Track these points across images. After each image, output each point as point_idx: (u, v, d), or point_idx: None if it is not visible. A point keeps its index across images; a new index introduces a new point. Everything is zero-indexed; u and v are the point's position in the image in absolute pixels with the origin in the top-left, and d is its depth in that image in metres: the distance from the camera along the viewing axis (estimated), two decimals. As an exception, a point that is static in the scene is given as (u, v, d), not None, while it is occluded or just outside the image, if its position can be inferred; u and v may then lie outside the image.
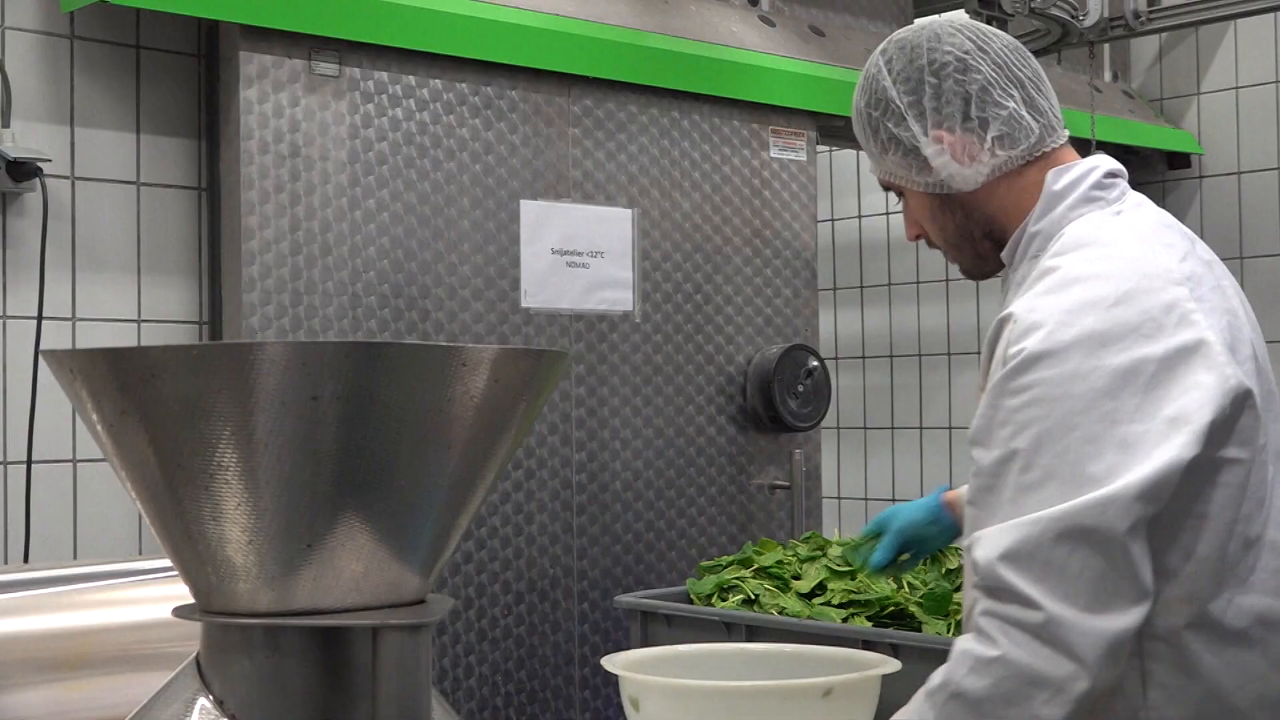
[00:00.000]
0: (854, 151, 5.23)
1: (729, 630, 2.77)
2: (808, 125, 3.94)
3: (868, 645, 2.56)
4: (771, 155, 3.87)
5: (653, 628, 2.92)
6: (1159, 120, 5.13)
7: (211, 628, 1.67)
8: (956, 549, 2.94)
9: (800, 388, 3.75)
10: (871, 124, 2.03)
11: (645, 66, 3.56)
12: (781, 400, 3.70)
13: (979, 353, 5.72)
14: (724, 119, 3.78)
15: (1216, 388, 1.75)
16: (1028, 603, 1.71)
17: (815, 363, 3.80)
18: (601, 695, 3.39)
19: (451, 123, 3.30)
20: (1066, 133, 2.03)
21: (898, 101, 1.99)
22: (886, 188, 2.10)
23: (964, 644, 1.78)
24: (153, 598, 2.18)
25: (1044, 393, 1.75)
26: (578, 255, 3.46)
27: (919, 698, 1.84)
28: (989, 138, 1.96)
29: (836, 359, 5.44)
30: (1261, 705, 1.81)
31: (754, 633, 2.73)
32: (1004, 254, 2.01)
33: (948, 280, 5.28)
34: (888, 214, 5.46)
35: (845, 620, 2.72)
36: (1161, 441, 1.72)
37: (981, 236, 2.02)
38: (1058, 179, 1.95)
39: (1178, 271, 1.83)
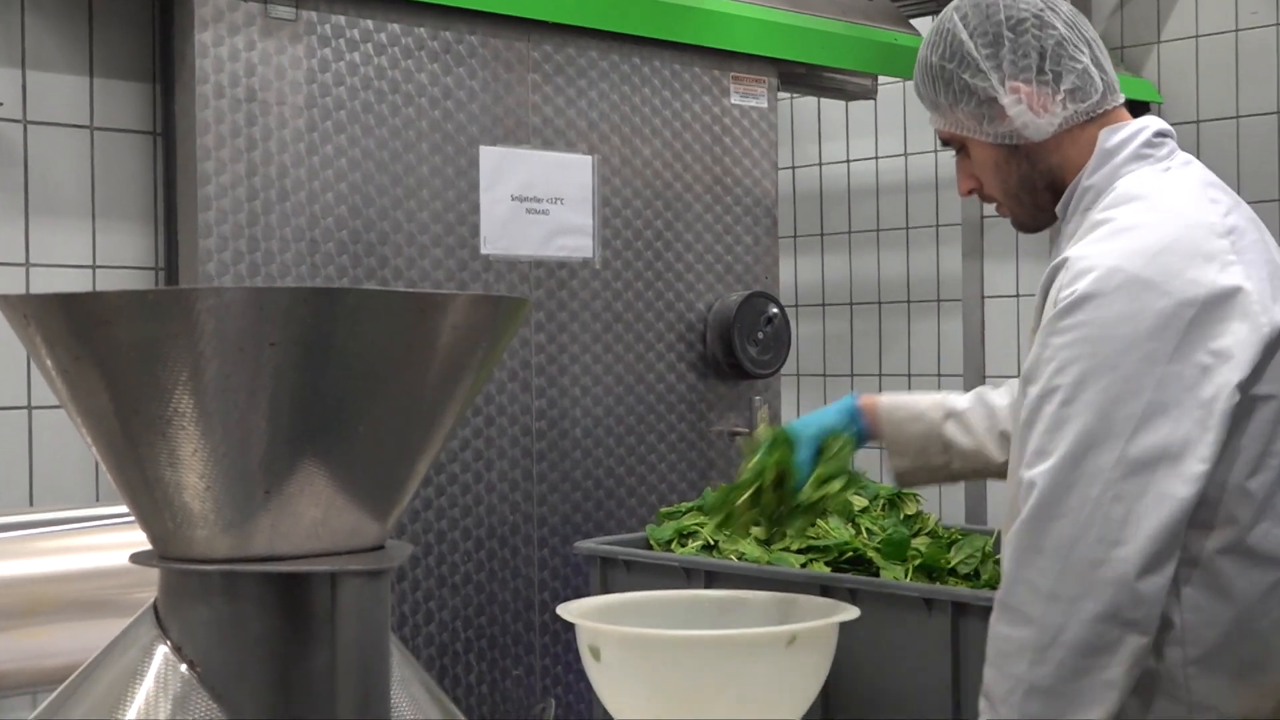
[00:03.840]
0: (815, 99, 5.22)
1: (688, 576, 2.78)
2: (769, 72, 3.93)
3: (826, 590, 2.57)
4: (732, 102, 3.86)
5: (612, 574, 2.93)
6: (1119, 69, 5.13)
7: (169, 574, 1.66)
8: (913, 494, 2.95)
9: (760, 335, 3.76)
10: (945, 76, 2.11)
11: (606, 12, 3.54)
12: (741, 347, 3.71)
13: (938, 300, 5.77)
14: (684, 65, 3.76)
15: (1251, 335, 1.87)
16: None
17: (775, 310, 3.80)
18: (561, 641, 3.40)
19: (410, 68, 3.27)
20: (1122, 95, 2.15)
21: (975, 54, 2.08)
22: (947, 141, 2.19)
23: (1013, 634, 1.87)
24: (110, 544, 2.17)
25: (1089, 333, 1.87)
26: (537, 202, 3.45)
27: (985, 710, 1.91)
28: (1062, 90, 2.07)
29: (796, 306, 5.45)
30: (1278, 630, 1.91)
31: (713, 578, 2.74)
32: (1058, 207, 2.10)
33: (908, 228, 5.29)
34: (848, 161, 5.45)
35: (803, 566, 2.73)
36: (1198, 382, 1.84)
37: (1043, 187, 2.11)
38: (1111, 136, 2.08)
39: (1220, 225, 1.95)
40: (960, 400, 2.44)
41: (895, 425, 2.44)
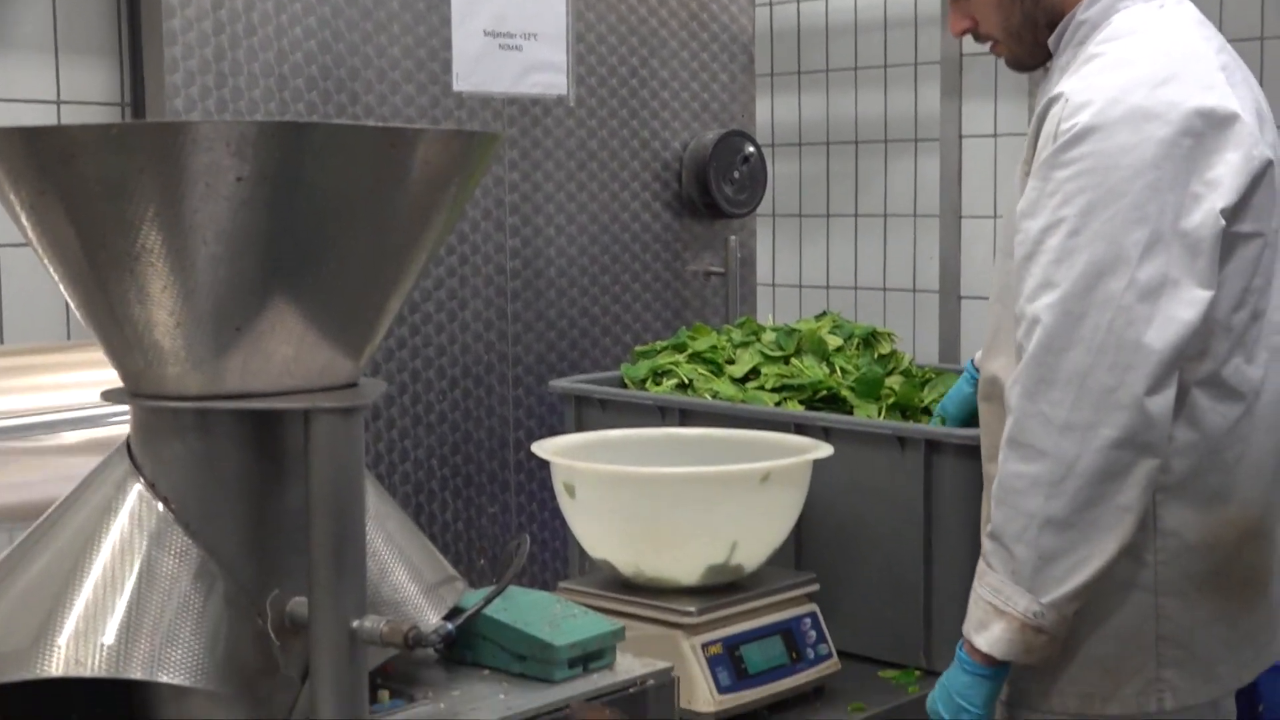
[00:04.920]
0: (793, -68, 5.12)
1: (663, 414, 2.79)
2: (746, -96, 3.85)
3: (800, 429, 2.58)
4: (709, -65, 3.78)
5: (587, 412, 2.94)
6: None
7: (141, 411, 1.66)
8: (888, 333, 2.96)
9: (736, 174, 3.73)
10: None
11: None
12: (717, 186, 3.68)
13: (916, 140, 5.70)
14: (660, -104, 3.68)
15: (1243, 164, 1.90)
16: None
17: (751, 149, 3.77)
18: (537, 479, 3.42)
19: (379, -103, 3.19)
20: None
21: None
22: None
23: (1025, 469, 1.88)
24: (81, 382, 2.16)
25: (1095, 164, 1.88)
26: (510, 37, 3.39)
27: (992, 550, 1.92)
28: None
29: (773, 145, 5.40)
30: (1240, 463, 1.96)
31: (687, 417, 2.75)
32: (1050, 40, 2.10)
33: (886, 66, 5.23)
34: (826, -2, 5.37)
35: (778, 404, 2.74)
36: (1189, 211, 1.86)
37: (1045, 24, 2.11)
38: None
39: (1214, 60, 1.99)
40: None
41: None
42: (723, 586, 2.33)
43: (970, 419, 2.45)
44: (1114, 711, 1.96)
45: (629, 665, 1.87)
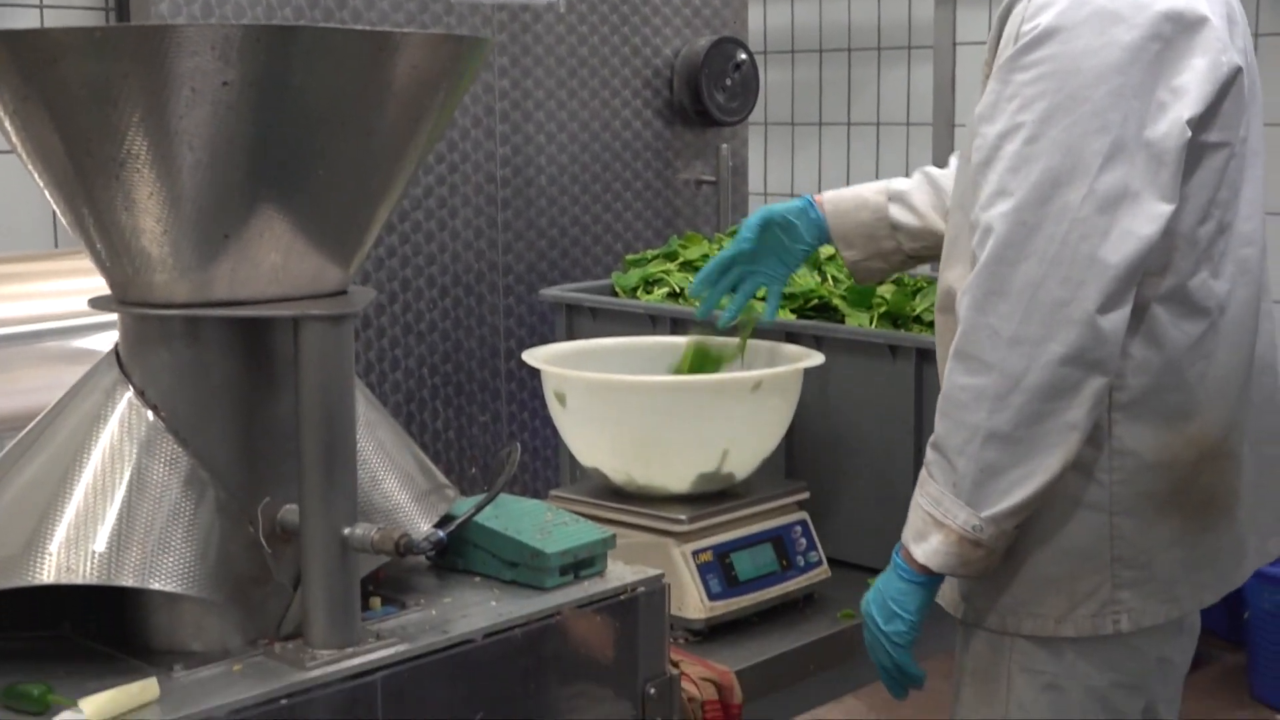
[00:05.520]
0: None
1: (654, 323, 2.79)
2: None
3: (791, 337, 2.58)
4: None
5: (577, 321, 2.93)
6: None
7: (129, 319, 1.65)
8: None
9: (728, 81, 3.70)
10: None
11: None
12: (709, 94, 3.65)
13: (909, 47, 5.66)
14: None
15: (1210, 72, 1.82)
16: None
17: (744, 56, 3.73)
18: (528, 388, 3.42)
19: None
20: None
21: None
22: None
23: (970, 382, 1.83)
24: (68, 290, 2.15)
25: (1056, 67, 1.80)
26: (500, -59, 3.35)
27: (934, 460, 1.89)
28: None
29: (765, 53, 5.36)
30: (1203, 380, 1.91)
31: (679, 325, 2.75)
32: None
33: (879, -28, 5.18)
34: (820, -98, 5.31)
35: (769, 313, 2.73)
36: (1154, 119, 1.79)
37: None
38: None
39: None
40: (903, 182, 2.39)
41: (840, 215, 2.39)
42: (713, 494, 2.34)
43: (772, 225, 2.43)
44: (1068, 633, 1.92)
45: (620, 573, 1.87)
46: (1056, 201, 1.79)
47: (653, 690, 1.86)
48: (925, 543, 1.89)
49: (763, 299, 2.47)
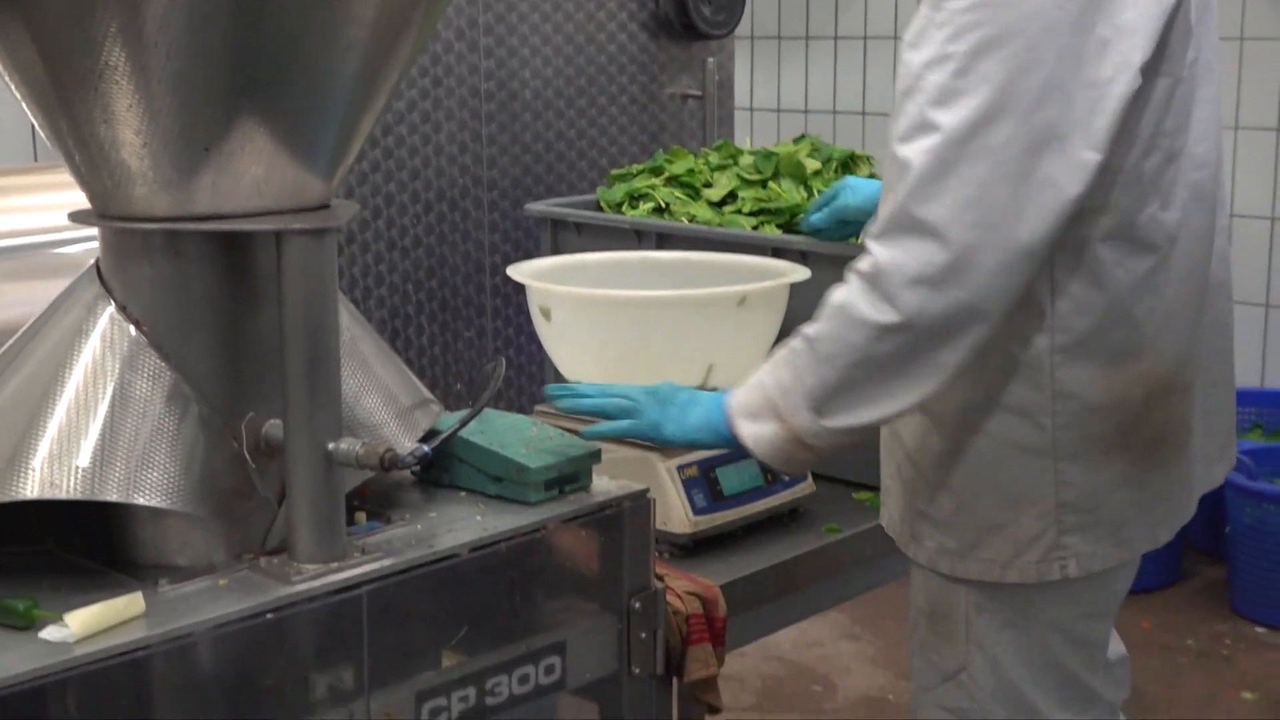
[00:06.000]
0: None
1: (639, 238, 2.77)
2: None
3: (777, 253, 2.57)
4: None
5: (563, 236, 2.92)
6: None
7: (110, 233, 1.64)
8: (867, 156, 2.93)
9: (714, -6, 3.66)
10: None
11: None
12: (695, 7, 3.61)
13: (897, -41, 5.51)
14: None
15: (1154, 6, 1.73)
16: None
17: (730, -32, 3.70)
18: (513, 303, 3.41)
19: None
20: None
21: None
22: None
23: (865, 308, 1.77)
24: (48, 205, 2.13)
25: None
26: None
27: (801, 354, 1.83)
28: None
29: (751, -35, 5.31)
30: (1153, 315, 1.85)
31: (664, 240, 2.74)
32: None
33: (867, -117, 5.13)
34: None
35: (755, 228, 2.73)
36: (1096, 59, 1.70)
37: None
38: None
39: None
40: None
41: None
42: (699, 410, 2.34)
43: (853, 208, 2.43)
44: (1013, 579, 1.89)
45: (605, 488, 1.88)
46: (980, 140, 1.69)
47: (637, 604, 1.87)
48: (757, 425, 1.85)
49: None
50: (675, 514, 2.20)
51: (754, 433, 1.86)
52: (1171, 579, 4.36)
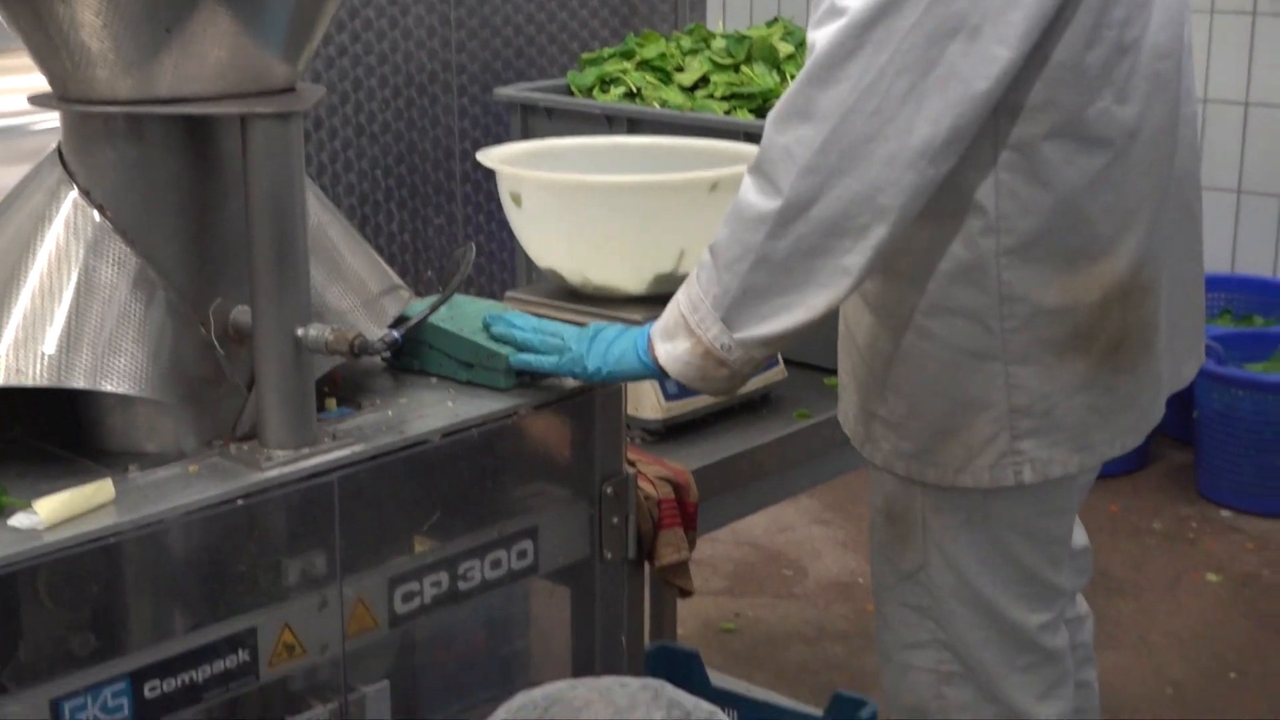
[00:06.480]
0: None
1: (610, 123, 2.75)
2: None
3: (750, 138, 2.55)
4: None
5: (533, 121, 2.89)
6: None
7: (71, 117, 1.62)
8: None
9: (686, -127, 3.60)
10: None
11: None
12: (666, -114, 3.56)
13: None
14: None
15: None
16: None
17: None
18: (484, 190, 3.39)
19: None
20: None
21: None
22: None
23: (757, 201, 1.72)
24: (7, 89, 2.10)
25: None
26: None
27: (706, 265, 1.79)
28: None
29: None
30: (1110, 214, 1.80)
31: (635, 125, 2.71)
32: None
33: None
34: None
35: (727, 113, 2.71)
36: None
37: None
38: None
39: None
40: None
41: None
42: (671, 295, 2.33)
43: None
44: (967, 483, 1.87)
45: (576, 373, 1.87)
46: (883, 27, 1.63)
47: (609, 489, 1.88)
48: (671, 343, 1.80)
49: None
50: (647, 399, 2.20)
51: (669, 353, 1.80)
52: (1139, 463, 4.40)
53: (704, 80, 2.81)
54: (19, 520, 1.42)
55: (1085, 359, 1.84)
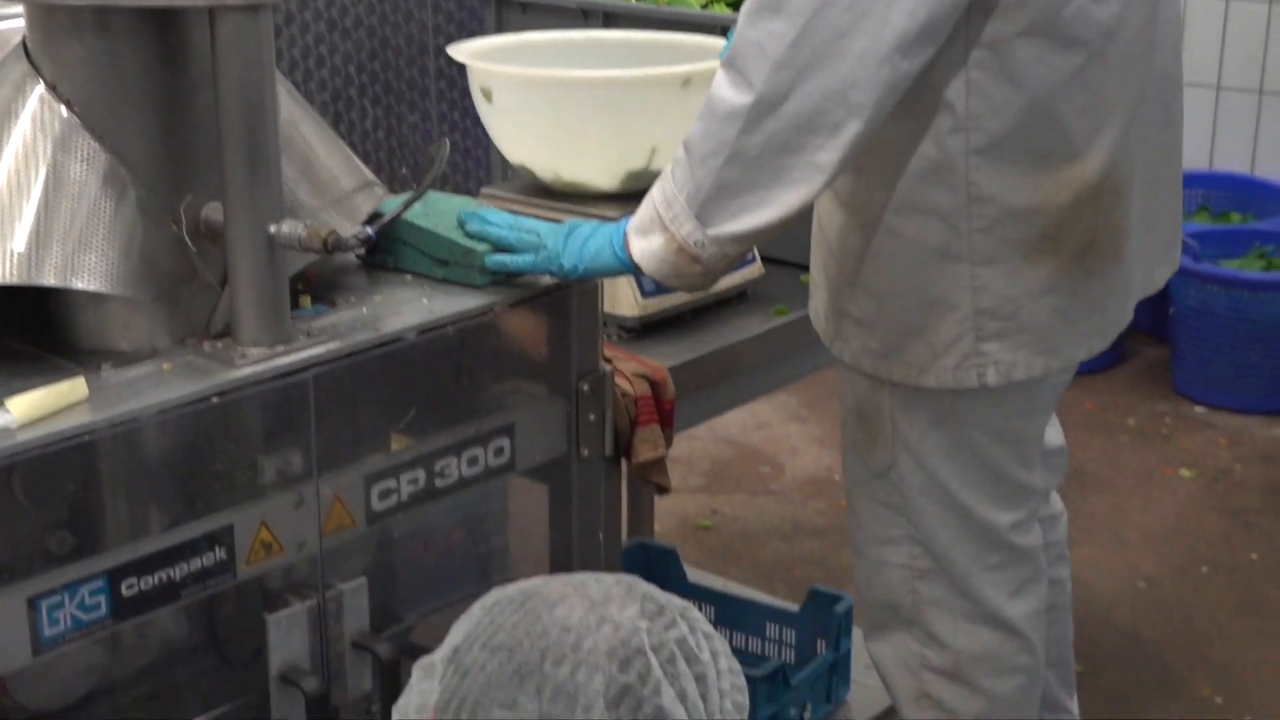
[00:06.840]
0: None
1: (585, 17, 2.72)
2: None
3: (725, 32, 2.53)
4: None
5: (507, 15, 2.85)
6: None
7: (37, 10, 1.59)
8: None
9: None
10: None
11: None
12: None
13: None
14: None
15: None
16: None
17: None
18: (458, 86, 3.35)
19: None
20: None
21: None
22: None
23: (730, 96, 1.70)
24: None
25: None
26: None
27: (680, 161, 1.77)
28: None
29: None
30: (1084, 114, 1.79)
31: (611, 20, 2.68)
32: None
33: None
34: None
35: (704, 7, 2.67)
36: None
37: None
38: None
39: None
40: None
41: None
42: (643, 192, 2.30)
43: None
44: (931, 384, 1.87)
45: (552, 270, 1.86)
46: None
47: (586, 386, 1.88)
48: (645, 239, 1.79)
49: None
50: (623, 296, 2.20)
51: (643, 249, 1.79)
52: (1114, 360, 4.42)
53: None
54: (-8, 419, 1.42)
55: (1053, 261, 1.83)
